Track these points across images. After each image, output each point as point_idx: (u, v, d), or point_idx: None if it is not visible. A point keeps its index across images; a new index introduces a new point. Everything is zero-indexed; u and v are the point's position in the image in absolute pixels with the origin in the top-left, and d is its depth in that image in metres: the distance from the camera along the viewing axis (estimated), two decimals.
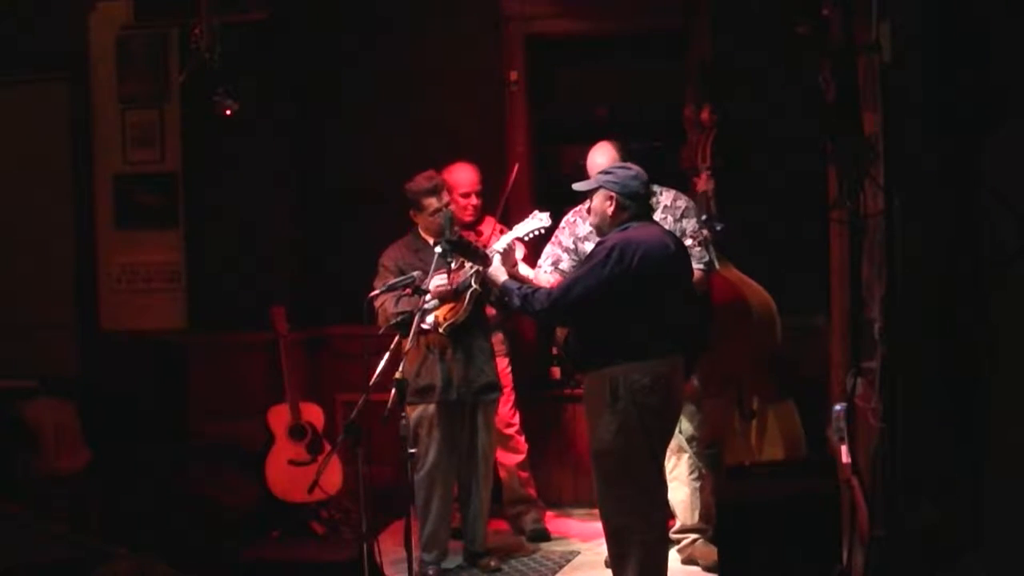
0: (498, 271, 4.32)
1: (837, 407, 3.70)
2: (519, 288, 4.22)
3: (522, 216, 4.84)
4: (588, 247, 4.52)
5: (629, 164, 4.30)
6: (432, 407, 4.84)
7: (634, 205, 4.11)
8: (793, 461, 4.76)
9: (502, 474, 5.47)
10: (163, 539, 4.83)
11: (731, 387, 4.96)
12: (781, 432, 4.95)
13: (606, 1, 5.91)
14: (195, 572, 4.27)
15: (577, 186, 4.27)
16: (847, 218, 3.57)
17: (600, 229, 4.18)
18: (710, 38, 5.70)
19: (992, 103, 2.88)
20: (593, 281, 3.99)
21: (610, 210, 4.11)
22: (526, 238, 4.68)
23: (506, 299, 4.31)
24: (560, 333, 4.49)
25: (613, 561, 4.18)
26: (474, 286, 4.64)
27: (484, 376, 4.92)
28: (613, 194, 4.10)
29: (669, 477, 4.86)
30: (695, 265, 4.59)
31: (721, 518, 4.16)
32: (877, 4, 3.11)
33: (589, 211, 4.26)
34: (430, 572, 4.87)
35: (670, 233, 4.31)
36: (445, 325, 4.73)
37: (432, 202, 4.90)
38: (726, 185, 5.05)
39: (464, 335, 4.81)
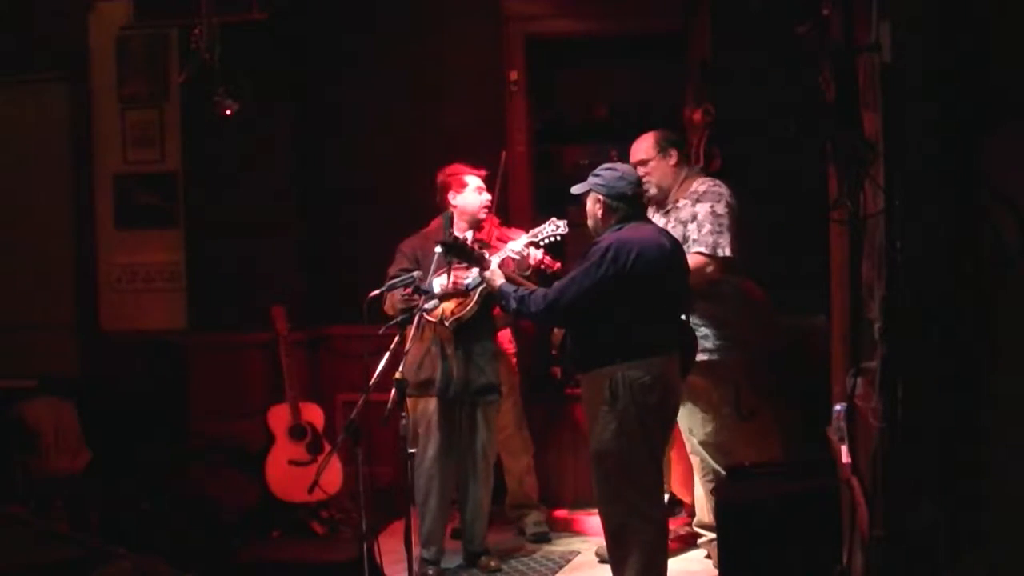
0: (495, 274, 4.31)
1: (837, 407, 3.70)
2: (515, 291, 4.21)
3: (523, 216, 4.85)
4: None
5: (617, 164, 4.29)
6: (432, 404, 4.84)
7: (623, 206, 4.11)
8: (793, 461, 4.76)
9: (506, 475, 5.48)
10: (163, 539, 4.84)
11: (728, 387, 4.95)
12: (779, 432, 4.94)
13: (606, 1, 5.91)
14: (195, 572, 4.27)
15: (573, 189, 4.26)
16: (847, 218, 3.57)
17: (595, 231, 4.18)
18: (710, 38, 5.70)
19: (992, 103, 2.88)
20: (588, 282, 3.99)
21: (599, 212, 4.13)
22: (542, 243, 4.68)
23: (502, 302, 4.31)
24: (557, 334, 4.46)
25: (613, 561, 4.17)
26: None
27: (484, 377, 4.91)
28: (600, 196, 4.11)
29: None
30: (697, 249, 4.56)
31: (721, 518, 4.16)
32: (877, 4, 3.11)
33: (584, 214, 4.26)
34: (430, 572, 4.87)
35: (665, 232, 4.31)
36: (451, 319, 4.74)
37: (473, 177, 4.93)
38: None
39: (468, 333, 4.81)
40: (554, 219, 4.70)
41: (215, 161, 5.98)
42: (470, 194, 4.93)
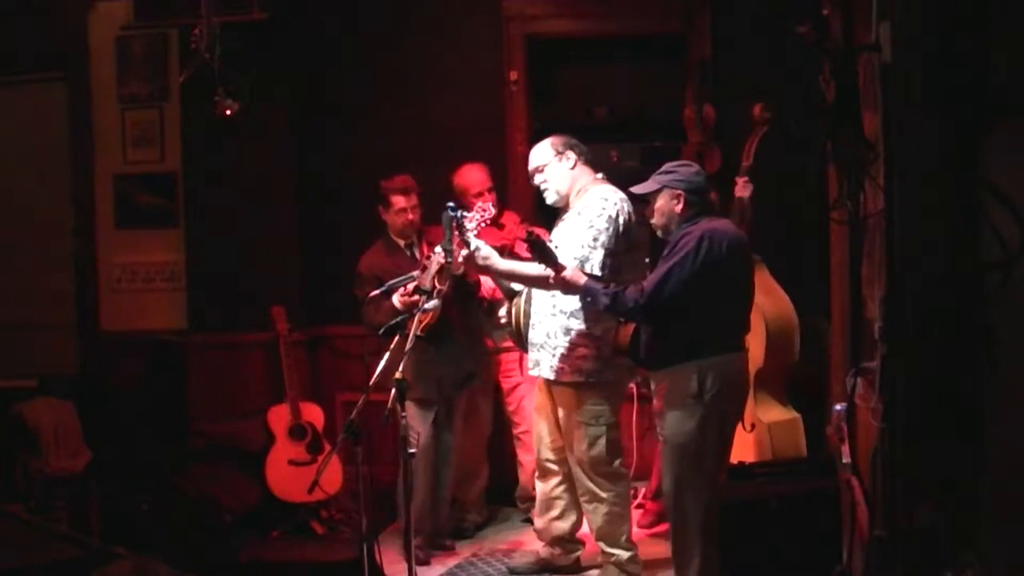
0: (577, 274, 4.17)
1: (837, 407, 3.70)
2: (605, 289, 4.11)
3: (524, 215, 4.85)
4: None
5: (688, 161, 4.25)
6: (411, 406, 4.89)
7: (700, 200, 4.09)
8: (793, 461, 4.75)
9: (519, 469, 5.56)
10: (163, 539, 4.83)
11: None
12: (772, 448, 4.89)
13: (606, 1, 5.91)
14: (195, 572, 4.27)
15: (636, 189, 4.19)
16: (847, 218, 3.57)
17: (667, 228, 4.12)
18: (710, 38, 5.70)
19: (992, 103, 2.88)
20: (687, 273, 3.93)
21: (678, 208, 4.07)
22: (475, 230, 4.59)
23: (589, 299, 4.20)
24: (624, 331, 4.28)
25: (677, 551, 4.14)
26: (438, 287, 4.66)
27: (463, 369, 5.14)
28: (680, 192, 4.06)
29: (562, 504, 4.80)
30: (568, 258, 4.32)
31: (721, 518, 4.16)
32: (877, 4, 3.11)
33: (650, 212, 4.17)
34: (419, 555, 4.90)
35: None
36: (421, 327, 4.78)
37: (399, 200, 5.07)
38: (728, 186, 5.02)
39: (438, 333, 4.88)
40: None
41: (215, 161, 5.98)
42: (393, 214, 5.11)
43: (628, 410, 5.35)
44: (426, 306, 4.47)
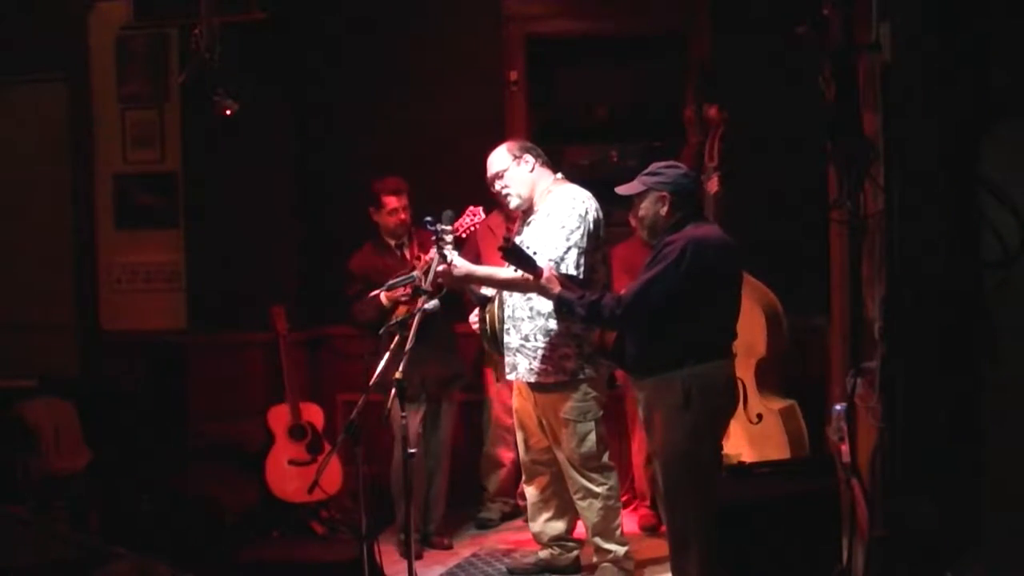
0: (551, 281, 4.08)
1: (837, 407, 3.69)
2: (580, 298, 4.02)
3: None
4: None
5: (674, 163, 4.18)
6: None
7: (687, 203, 4.02)
8: (793, 461, 4.76)
9: None
10: (163, 539, 4.83)
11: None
12: (786, 435, 4.92)
13: (606, 1, 5.92)
14: (195, 572, 4.26)
15: (621, 189, 4.09)
16: (847, 218, 3.57)
17: (653, 231, 4.04)
18: (710, 38, 5.71)
19: (992, 103, 2.89)
20: (670, 282, 3.85)
21: (664, 211, 3.99)
22: (464, 236, 4.64)
23: (564, 309, 4.11)
24: (608, 338, 4.24)
25: (675, 561, 4.13)
26: (424, 287, 4.65)
27: (449, 369, 5.22)
28: (666, 194, 3.98)
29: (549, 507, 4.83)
30: (546, 259, 4.29)
31: (721, 518, 4.16)
32: (877, 4, 3.11)
33: (635, 216, 4.13)
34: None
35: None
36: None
37: (391, 200, 5.16)
38: (727, 185, 5.03)
39: (425, 333, 4.86)
40: (469, 208, 4.62)
41: (215, 161, 5.98)
42: (385, 215, 5.20)
43: (630, 411, 5.36)
44: (426, 306, 4.47)
